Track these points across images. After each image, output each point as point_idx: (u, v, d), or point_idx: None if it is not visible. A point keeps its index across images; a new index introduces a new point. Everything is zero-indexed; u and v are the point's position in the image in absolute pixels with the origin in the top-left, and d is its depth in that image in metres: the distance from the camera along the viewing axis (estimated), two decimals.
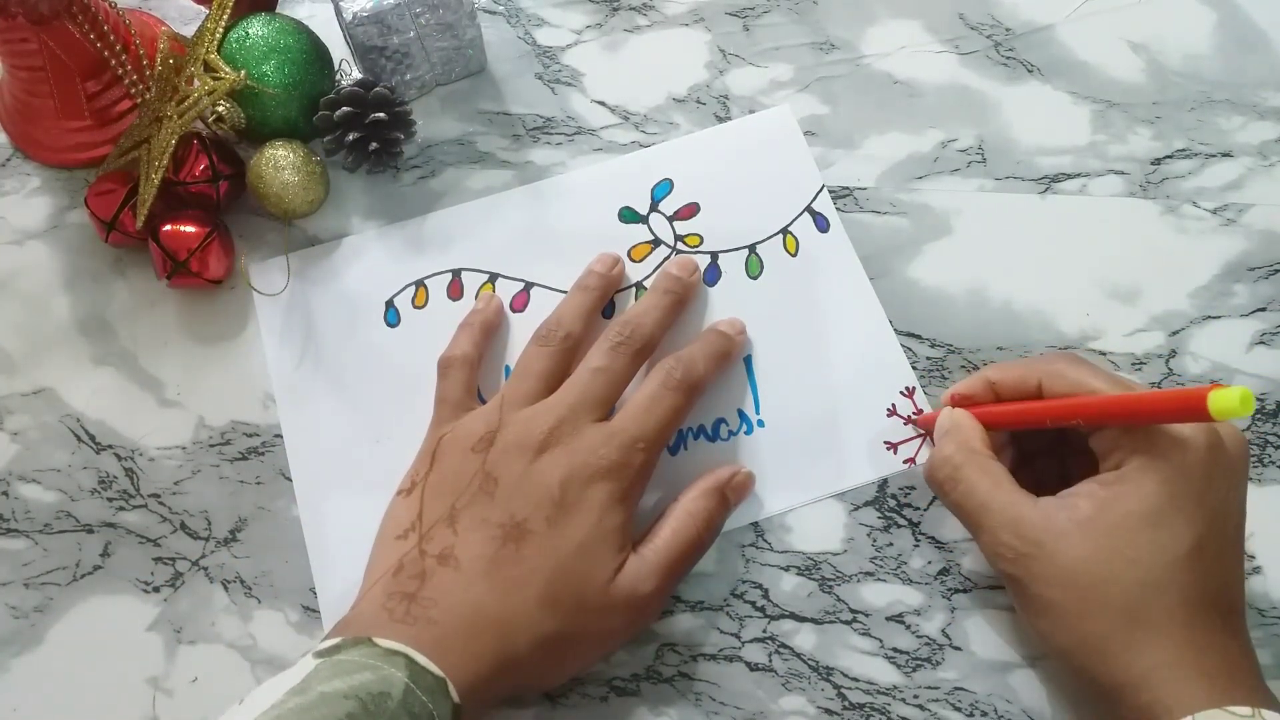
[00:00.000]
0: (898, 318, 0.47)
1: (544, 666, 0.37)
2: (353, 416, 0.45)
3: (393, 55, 0.48)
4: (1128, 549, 0.34)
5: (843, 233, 0.48)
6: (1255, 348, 0.46)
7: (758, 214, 0.49)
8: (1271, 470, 0.44)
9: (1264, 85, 0.51)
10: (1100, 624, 0.35)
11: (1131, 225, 0.48)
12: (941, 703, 0.40)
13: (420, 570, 0.37)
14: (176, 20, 0.52)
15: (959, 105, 0.51)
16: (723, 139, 0.50)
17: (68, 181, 0.50)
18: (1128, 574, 0.34)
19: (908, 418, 0.45)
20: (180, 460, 0.45)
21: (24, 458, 0.45)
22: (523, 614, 0.36)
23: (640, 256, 0.48)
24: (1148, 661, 0.34)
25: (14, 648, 0.42)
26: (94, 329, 0.47)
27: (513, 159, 0.50)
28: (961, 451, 0.39)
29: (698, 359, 0.42)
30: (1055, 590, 0.35)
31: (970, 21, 0.53)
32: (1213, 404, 0.31)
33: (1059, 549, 0.35)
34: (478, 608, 0.36)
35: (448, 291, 0.47)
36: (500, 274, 0.48)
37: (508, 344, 0.46)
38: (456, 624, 0.35)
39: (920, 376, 0.45)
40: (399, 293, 0.47)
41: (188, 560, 0.44)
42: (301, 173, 0.46)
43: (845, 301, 0.47)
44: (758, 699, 0.41)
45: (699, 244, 0.48)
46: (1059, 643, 0.36)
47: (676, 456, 0.44)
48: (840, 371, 0.46)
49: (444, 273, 0.48)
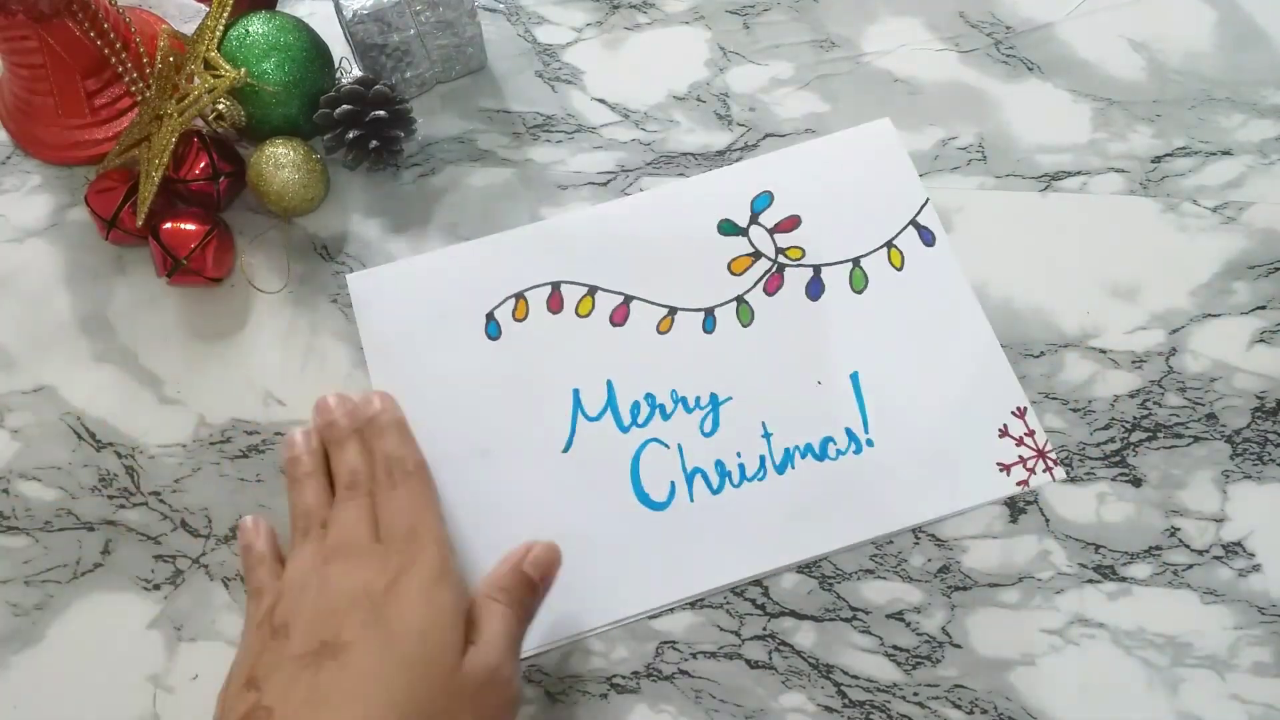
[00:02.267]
0: None
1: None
2: (457, 430, 0.45)
3: (393, 53, 0.48)
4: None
5: (949, 247, 0.47)
6: (1255, 345, 0.46)
7: (861, 227, 0.48)
8: (1271, 469, 0.44)
9: (1264, 83, 0.51)
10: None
11: (1132, 223, 0.48)
12: (941, 700, 0.41)
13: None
14: (177, 18, 0.52)
15: (959, 103, 0.51)
16: (822, 151, 0.50)
17: (68, 179, 0.50)
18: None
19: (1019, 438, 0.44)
20: (181, 458, 0.45)
21: (24, 455, 0.45)
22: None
23: (740, 269, 0.47)
24: None
25: (14, 645, 0.42)
26: (94, 327, 0.47)
27: (513, 157, 0.50)
28: None
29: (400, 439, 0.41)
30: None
31: (971, 19, 0.53)
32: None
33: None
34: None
35: (548, 304, 0.47)
36: (600, 286, 0.47)
37: (609, 358, 0.46)
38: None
39: None
40: (499, 305, 0.47)
41: (188, 558, 0.44)
42: (302, 170, 0.46)
43: (952, 318, 0.46)
44: (758, 696, 0.41)
45: (801, 257, 0.47)
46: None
47: (784, 475, 0.44)
48: (950, 390, 0.45)
49: (543, 285, 0.47)
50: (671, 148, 0.50)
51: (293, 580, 0.37)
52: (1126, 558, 0.43)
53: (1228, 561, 0.42)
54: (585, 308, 0.47)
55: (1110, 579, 0.42)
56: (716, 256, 0.48)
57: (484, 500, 0.43)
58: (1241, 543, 0.43)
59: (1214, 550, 0.43)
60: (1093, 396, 0.45)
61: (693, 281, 0.47)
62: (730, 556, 0.42)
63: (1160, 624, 0.41)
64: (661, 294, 0.47)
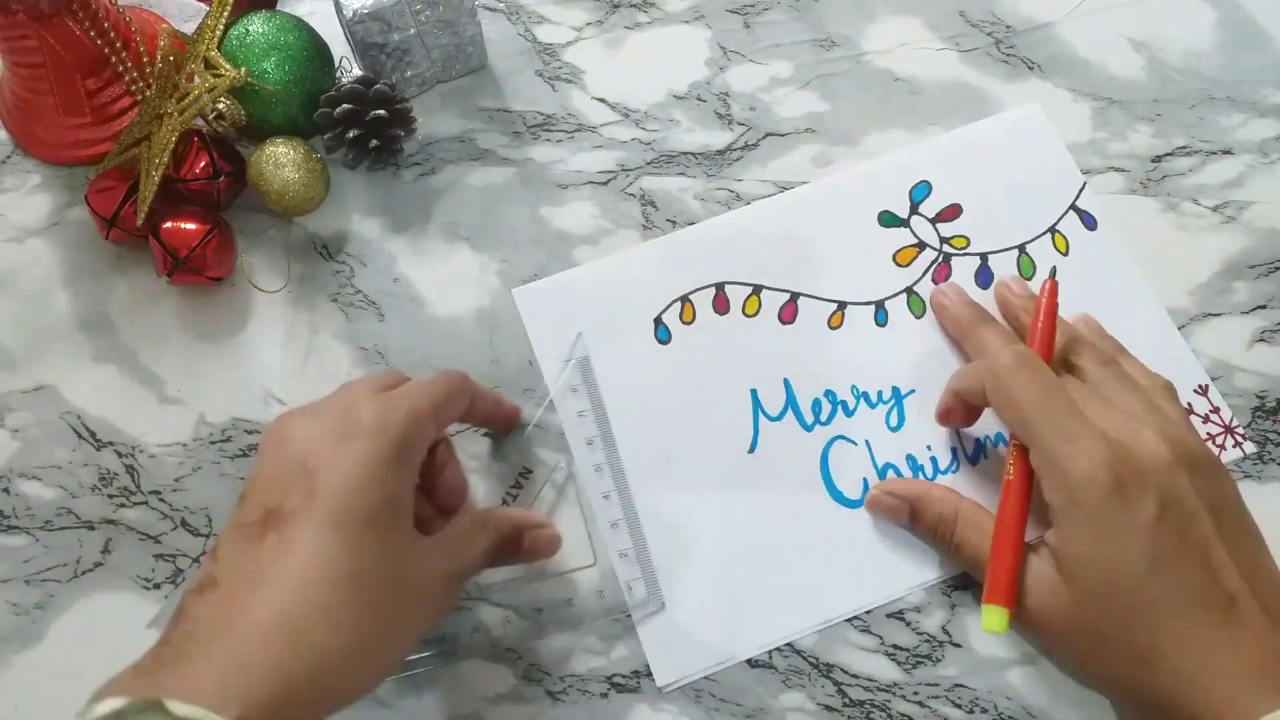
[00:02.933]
0: None
1: (366, 651, 0.32)
2: (638, 438, 0.44)
3: (393, 52, 0.48)
4: (1097, 585, 0.35)
5: (1112, 230, 0.47)
6: (1256, 345, 0.46)
7: (1022, 213, 0.48)
8: (1272, 468, 0.44)
9: (1264, 82, 0.51)
10: (1113, 662, 0.35)
11: (1132, 222, 0.48)
12: (941, 699, 0.41)
13: (180, 611, 0.32)
14: (177, 17, 0.52)
15: (960, 102, 0.51)
16: (976, 138, 0.50)
17: (68, 178, 0.50)
18: (1108, 606, 0.35)
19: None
20: (181, 457, 0.45)
21: (25, 455, 0.45)
22: (312, 599, 0.31)
23: (906, 261, 0.47)
24: (1167, 679, 0.34)
25: (15, 644, 0.42)
26: (94, 326, 0.47)
27: (513, 156, 0.50)
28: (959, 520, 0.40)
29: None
30: (1060, 637, 0.37)
31: (971, 19, 0.53)
32: (985, 627, 0.36)
33: (1051, 603, 0.36)
34: (244, 618, 0.30)
35: (713, 305, 0.47)
36: (765, 285, 0.47)
37: (783, 357, 0.46)
38: (217, 649, 0.30)
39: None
40: (665, 309, 0.47)
41: (188, 557, 0.44)
42: (302, 170, 0.46)
43: (1124, 300, 0.46)
44: (758, 695, 0.41)
45: (965, 245, 0.47)
46: (1089, 682, 0.39)
47: (977, 466, 0.43)
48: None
49: (707, 287, 0.47)
50: (672, 147, 0.50)
51: (264, 438, 0.36)
52: None
53: None
54: (751, 307, 0.47)
55: None
56: (880, 249, 0.48)
57: (669, 508, 0.43)
58: None
59: None
60: None
61: (859, 275, 0.47)
62: (933, 551, 0.42)
63: None
64: (828, 289, 0.47)
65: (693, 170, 0.50)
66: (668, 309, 0.47)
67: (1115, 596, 0.35)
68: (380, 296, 0.48)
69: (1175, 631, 0.34)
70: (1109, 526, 0.35)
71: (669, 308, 0.47)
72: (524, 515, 0.40)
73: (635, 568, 0.42)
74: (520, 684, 0.41)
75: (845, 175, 0.49)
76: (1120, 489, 0.35)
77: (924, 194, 0.49)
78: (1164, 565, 0.34)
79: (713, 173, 0.50)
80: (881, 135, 0.50)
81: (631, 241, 0.48)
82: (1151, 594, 0.34)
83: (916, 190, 0.49)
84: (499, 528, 0.39)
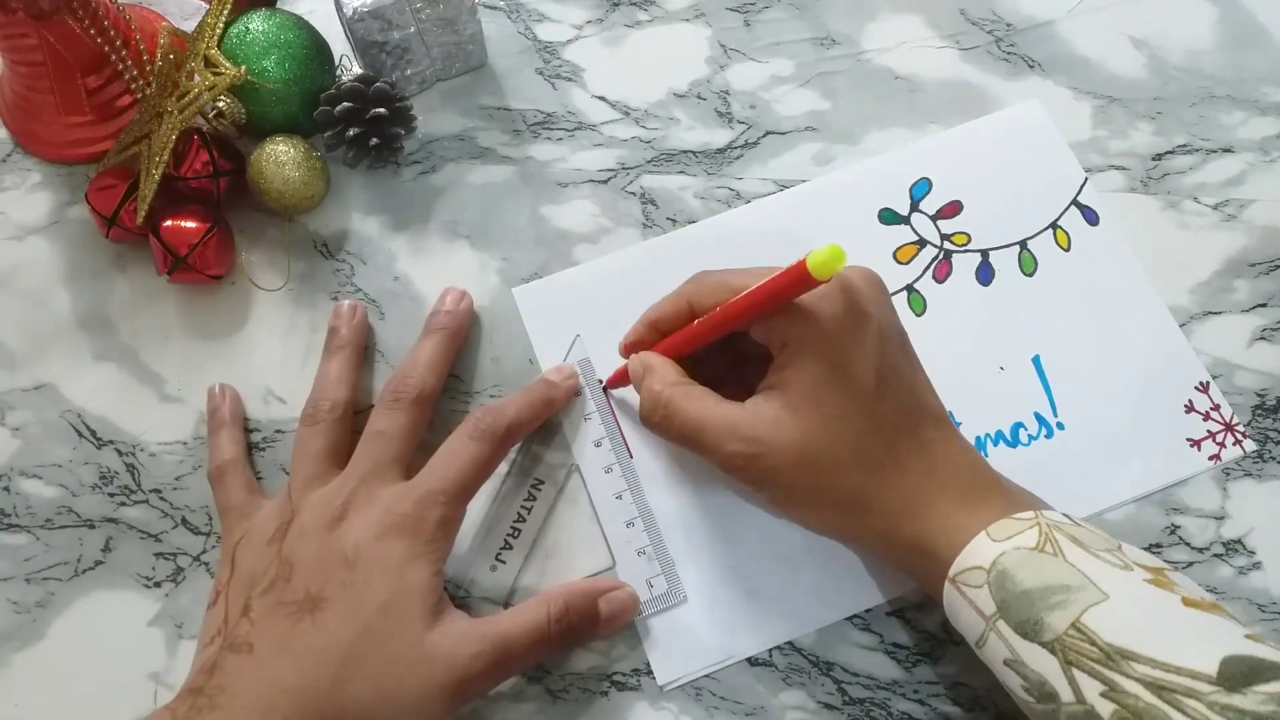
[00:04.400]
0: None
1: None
2: (649, 437, 0.44)
3: (393, 50, 0.48)
4: (829, 408, 0.36)
5: (1114, 226, 0.48)
6: (1256, 343, 0.46)
7: (1023, 209, 0.48)
8: (1272, 466, 0.44)
9: (1265, 80, 0.51)
10: (843, 485, 0.36)
11: (1132, 221, 0.48)
12: (941, 697, 0.41)
13: (211, 664, 0.36)
14: (177, 15, 0.52)
15: (960, 101, 0.51)
16: (976, 135, 0.50)
17: (68, 177, 0.50)
18: (841, 428, 0.36)
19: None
20: (181, 455, 0.45)
21: (25, 453, 0.45)
22: (325, 680, 0.35)
23: (907, 258, 0.47)
24: (896, 497, 0.36)
25: (15, 643, 0.42)
26: (95, 324, 0.47)
27: (513, 154, 0.50)
28: (667, 388, 0.39)
29: (510, 407, 0.41)
30: (792, 474, 0.36)
31: (971, 17, 0.53)
32: (813, 268, 0.32)
33: (778, 436, 0.36)
34: (272, 683, 0.35)
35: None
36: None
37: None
38: (247, 705, 0.34)
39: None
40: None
41: (189, 555, 0.44)
42: (302, 168, 0.46)
43: (1125, 296, 0.46)
44: (758, 694, 0.41)
45: (966, 242, 0.47)
46: (820, 520, 0.38)
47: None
48: (1133, 368, 0.45)
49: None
50: (672, 145, 0.50)
51: (309, 519, 0.38)
52: None
53: (1228, 559, 0.42)
54: None
55: None
56: (881, 246, 0.48)
57: (680, 506, 0.43)
58: (1242, 540, 0.43)
59: (1214, 548, 0.43)
60: None
61: None
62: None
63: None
64: None
65: (693, 169, 0.50)
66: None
67: (848, 418, 0.36)
68: (380, 295, 0.48)
69: (905, 447, 0.36)
70: (842, 347, 0.36)
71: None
72: (592, 583, 0.41)
73: (655, 565, 0.42)
74: (520, 682, 0.41)
75: (845, 173, 0.49)
76: (851, 309, 0.36)
77: (924, 191, 0.49)
78: (890, 382, 0.36)
79: (713, 171, 0.50)
80: (882, 133, 0.50)
81: (632, 240, 0.48)
82: (881, 410, 0.36)
83: (917, 187, 0.49)
84: (566, 602, 0.39)
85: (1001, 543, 0.33)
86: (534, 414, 0.42)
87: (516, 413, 0.41)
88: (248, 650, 0.35)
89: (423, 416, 0.42)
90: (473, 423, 0.40)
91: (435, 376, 0.43)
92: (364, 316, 0.46)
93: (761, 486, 0.37)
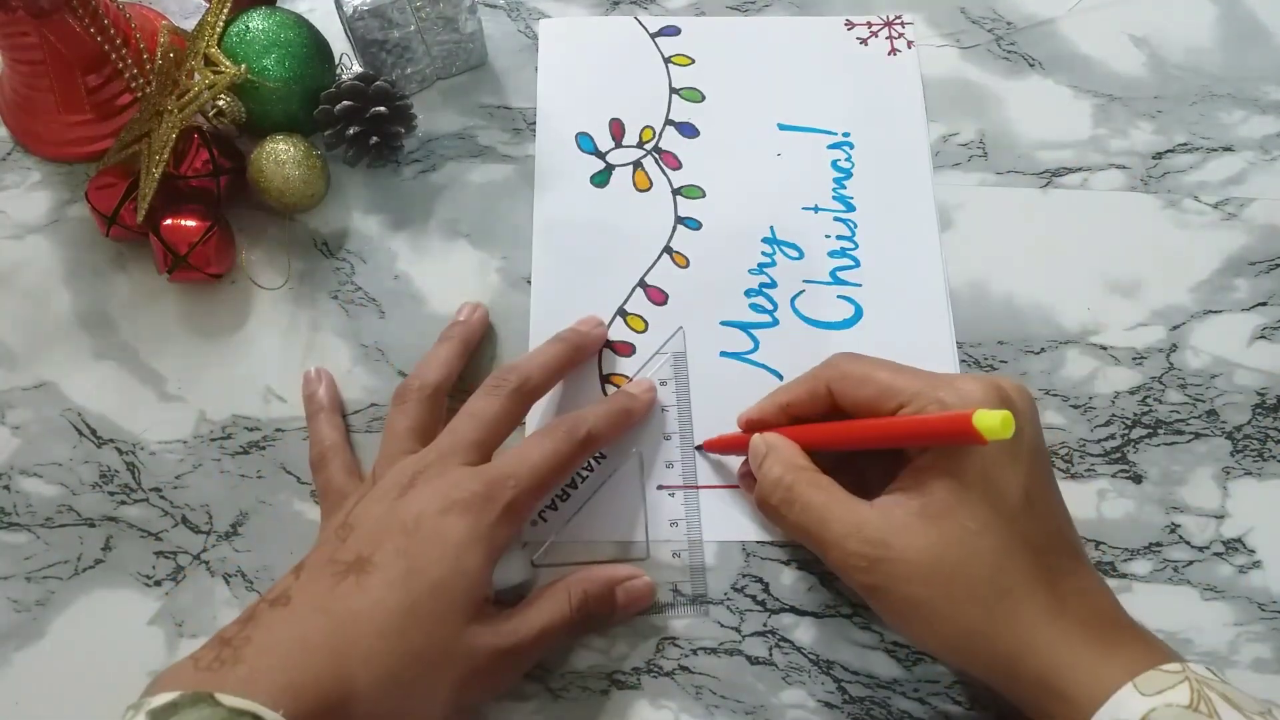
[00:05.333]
0: None
1: (386, 708, 0.34)
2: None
3: (393, 49, 0.48)
4: (970, 520, 0.33)
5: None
6: (1256, 342, 0.46)
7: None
8: (1272, 465, 0.44)
9: (1265, 79, 0.51)
10: (973, 606, 0.33)
11: (1133, 219, 0.48)
12: (941, 696, 0.41)
13: (249, 615, 0.35)
14: (177, 14, 0.52)
15: (960, 99, 0.51)
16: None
17: (68, 176, 0.50)
18: (979, 545, 0.33)
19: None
20: (181, 454, 0.45)
21: (25, 452, 0.45)
22: (361, 646, 0.33)
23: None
24: (1025, 625, 0.33)
25: (15, 641, 0.42)
26: (95, 323, 0.47)
27: (513, 153, 0.50)
28: (790, 471, 0.37)
29: (594, 415, 0.41)
30: (918, 587, 0.34)
31: (972, 15, 0.53)
32: (984, 431, 0.31)
33: (908, 544, 0.34)
34: (303, 640, 0.33)
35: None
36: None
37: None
38: (271, 661, 0.32)
39: None
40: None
41: (189, 554, 0.44)
42: (302, 167, 0.46)
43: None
44: (758, 692, 0.41)
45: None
46: (939, 638, 0.34)
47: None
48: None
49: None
50: None
51: (380, 486, 0.38)
52: (1127, 554, 0.43)
53: (1228, 558, 0.42)
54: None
55: (1111, 575, 0.42)
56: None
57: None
58: (1242, 539, 0.43)
59: (1214, 547, 0.43)
60: (1093, 393, 0.45)
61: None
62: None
63: (1160, 620, 0.41)
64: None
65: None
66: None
67: (989, 535, 0.33)
68: (381, 293, 0.48)
69: (1041, 575, 0.33)
70: (993, 460, 0.34)
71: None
72: (611, 570, 0.41)
73: (685, 572, 0.42)
74: (520, 681, 0.41)
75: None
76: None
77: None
78: (1037, 504, 0.34)
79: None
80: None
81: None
82: (1024, 532, 0.33)
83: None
84: (586, 589, 0.39)
85: (1151, 697, 0.31)
86: (610, 423, 0.42)
87: (595, 420, 0.41)
88: (285, 604, 0.34)
89: (518, 409, 0.41)
90: (556, 422, 0.40)
91: (541, 374, 0.42)
92: (483, 315, 0.46)
93: (880, 595, 0.35)
